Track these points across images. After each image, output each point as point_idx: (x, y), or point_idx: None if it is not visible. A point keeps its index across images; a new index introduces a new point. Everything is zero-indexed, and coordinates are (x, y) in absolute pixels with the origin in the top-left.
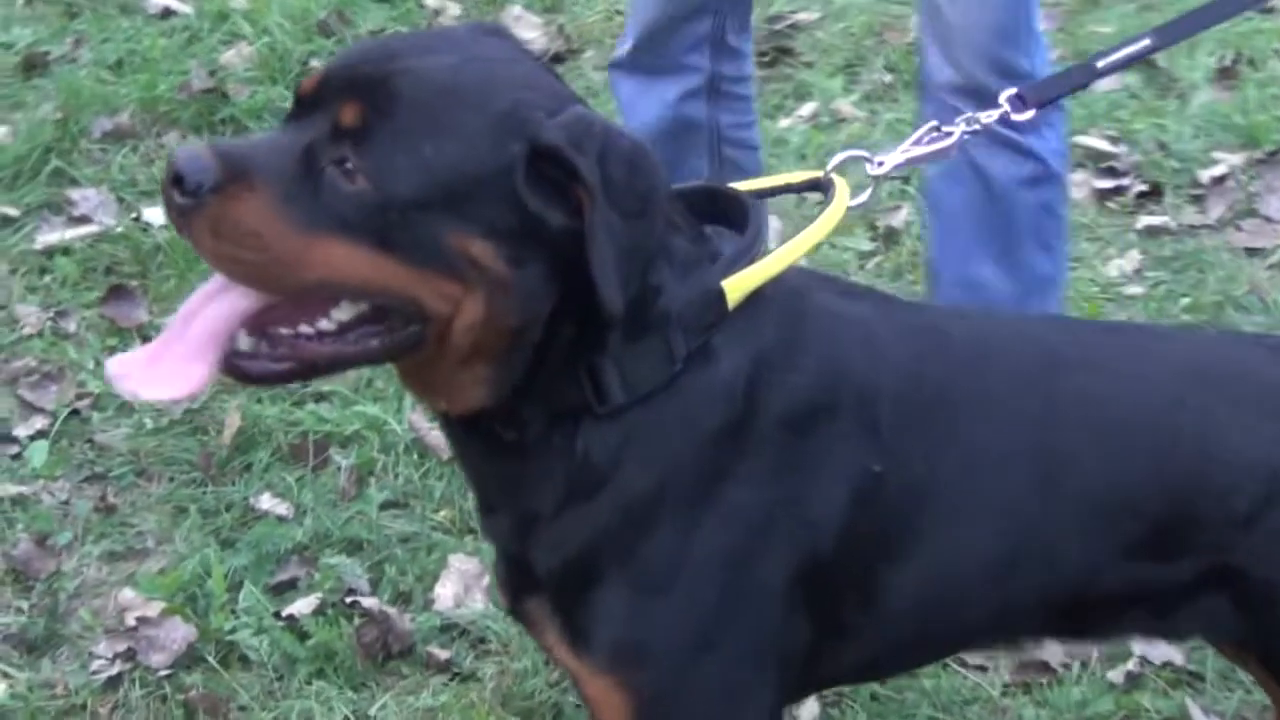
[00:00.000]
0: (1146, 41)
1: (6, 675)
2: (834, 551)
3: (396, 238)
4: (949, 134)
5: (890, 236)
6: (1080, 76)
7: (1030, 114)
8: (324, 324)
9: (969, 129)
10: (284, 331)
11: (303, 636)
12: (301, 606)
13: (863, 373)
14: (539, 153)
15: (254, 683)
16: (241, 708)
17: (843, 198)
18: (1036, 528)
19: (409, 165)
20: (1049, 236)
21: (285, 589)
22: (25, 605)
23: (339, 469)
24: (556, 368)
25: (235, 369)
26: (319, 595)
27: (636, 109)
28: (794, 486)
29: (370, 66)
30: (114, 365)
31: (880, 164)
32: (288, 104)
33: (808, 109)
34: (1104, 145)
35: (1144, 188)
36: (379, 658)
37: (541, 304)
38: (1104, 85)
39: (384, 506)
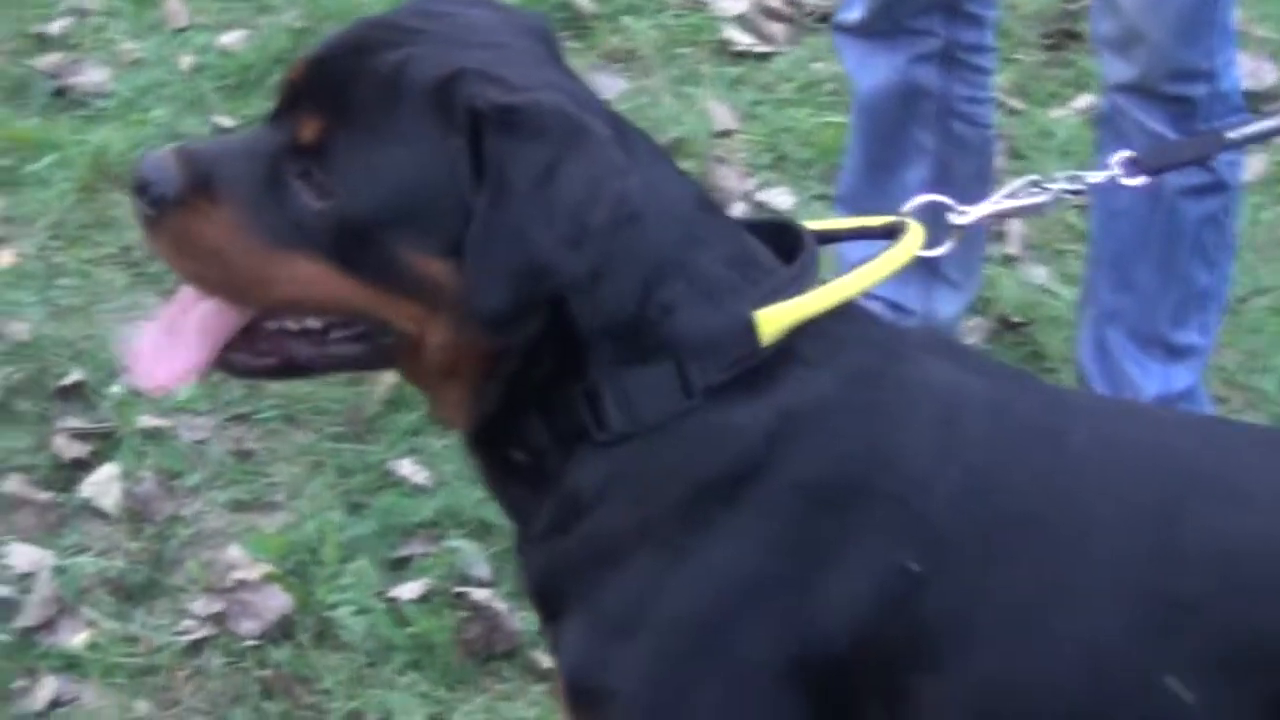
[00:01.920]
0: None
1: (93, 624)
2: (850, 649)
3: (358, 257)
4: (1046, 189)
5: None
6: (1206, 146)
7: (1140, 180)
8: (310, 321)
9: (1070, 188)
10: (269, 327)
11: (403, 623)
12: (409, 590)
13: (923, 459)
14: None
15: (343, 666)
16: (325, 691)
17: (913, 242)
18: (1122, 668)
19: (363, 180)
20: (1212, 249)
21: (399, 566)
22: (135, 548)
23: None
24: (555, 388)
25: (221, 360)
26: (430, 580)
27: (864, 74)
28: (801, 565)
29: (338, 66)
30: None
31: (965, 213)
32: None
33: (1083, 101)
34: None
35: None
36: (480, 656)
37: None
38: None
39: None
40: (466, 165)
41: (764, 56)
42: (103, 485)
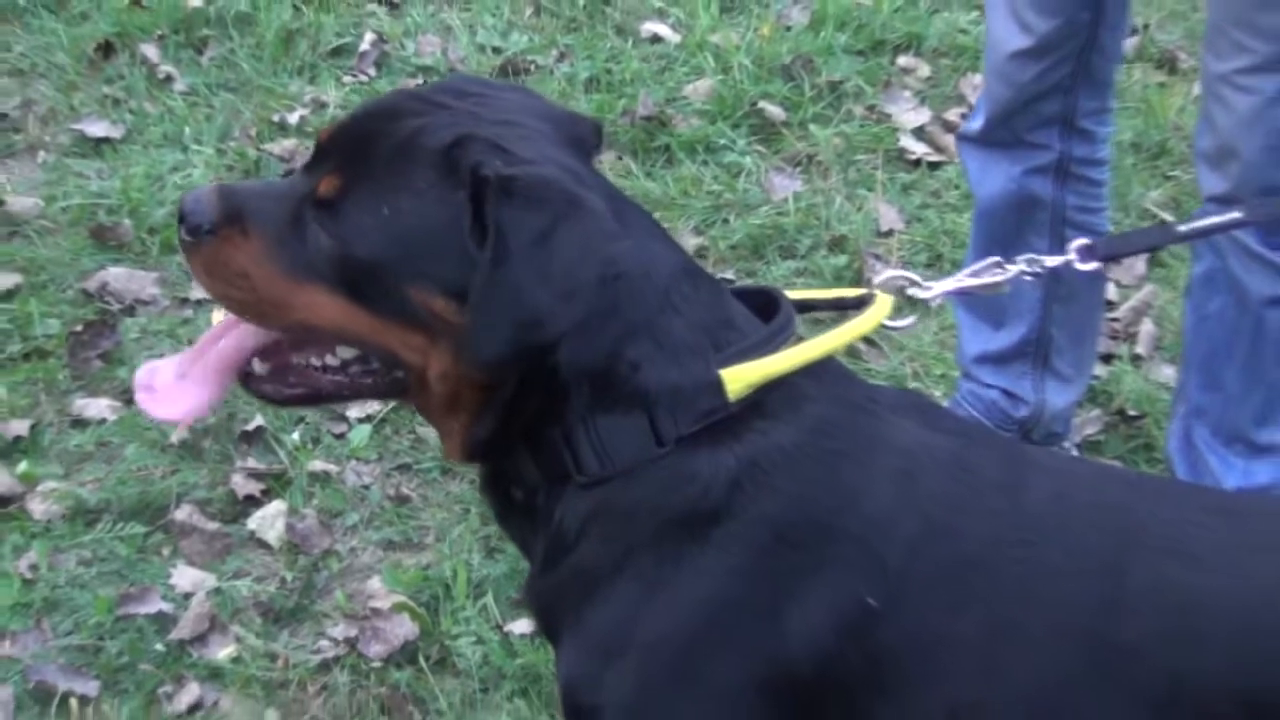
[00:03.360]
0: (1236, 215)
1: (240, 640)
2: (812, 673)
3: (366, 291)
4: (1006, 270)
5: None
6: (1157, 238)
7: (1093, 266)
8: (329, 359)
9: (1028, 270)
10: (295, 361)
11: (514, 654)
12: (522, 625)
13: (881, 508)
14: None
15: (456, 690)
16: (439, 712)
17: (879, 312)
18: (1064, 706)
19: (370, 226)
20: None
21: (519, 605)
22: (289, 576)
23: None
24: (542, 429)
25: (254, 390)
26: None
27: (984, 181)
28: (764, 597)
29: (363, 128)
30: (141, 373)
31: (929, 288)
32: (724, 141)
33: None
34: None
35: None
36: None
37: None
38: None
39: None
40: (469, 219)
41: (935, 165)
42: (269, 519)
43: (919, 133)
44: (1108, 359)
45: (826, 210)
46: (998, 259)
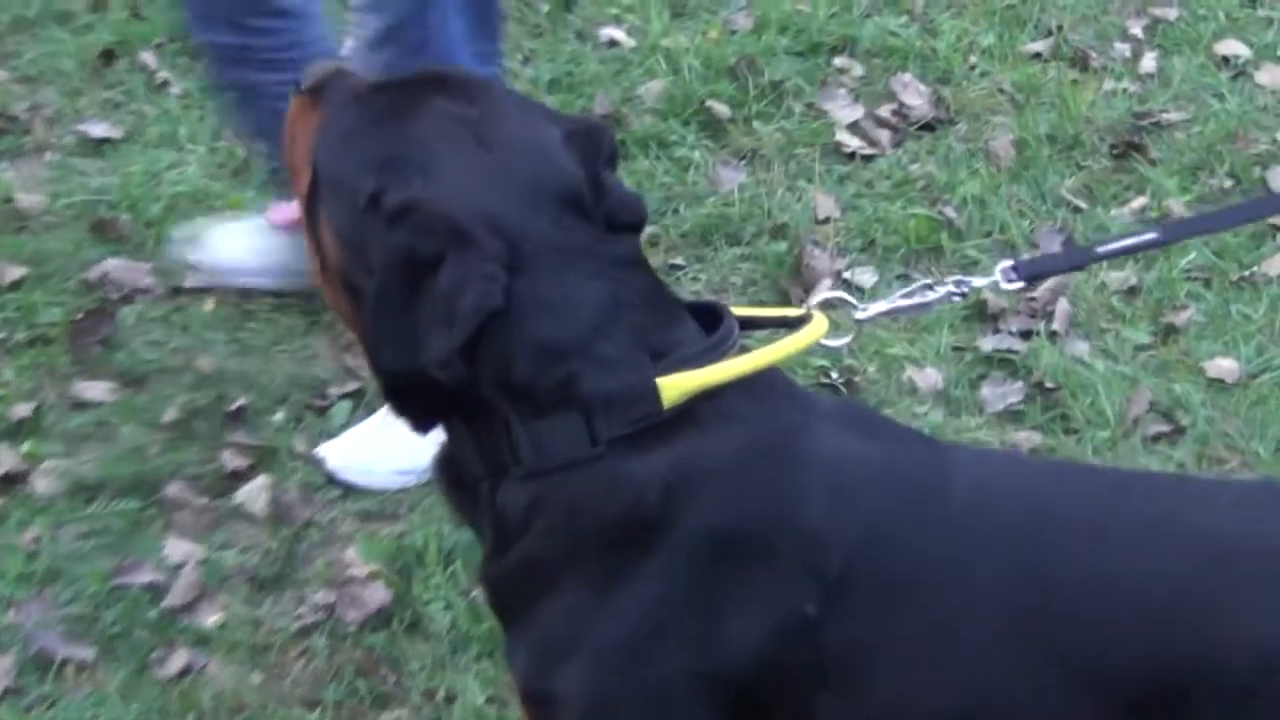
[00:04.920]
0: (1152, 235)
1: (226, 608)
2: (756, 674)
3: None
4: (935, 292)
5: (1169, 332)
6: (1076, 258)
7: (1018, 285)
8: None
9: (956, 290)
10: None
11: (480, 619)
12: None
13: (815, 521)
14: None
15: (427, 652)
16: (410, 673)
17: (816, 330)
18: (1003, 689)
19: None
20: None
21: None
22: (273, 546)
23: None
24: (480, 421)
25: None
26: None
27: None
28: (705, 603)
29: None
30: None
31: (865, 309)
32: (675, 137)
33: (1139, 203)
34: None
35: None
36: None
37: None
38: None
39: None
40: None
41: (869, 158)
42: (254, 493)
43: (853, 128)
44: (1026, 335)
45: (769, 200)
46: (929, 281)
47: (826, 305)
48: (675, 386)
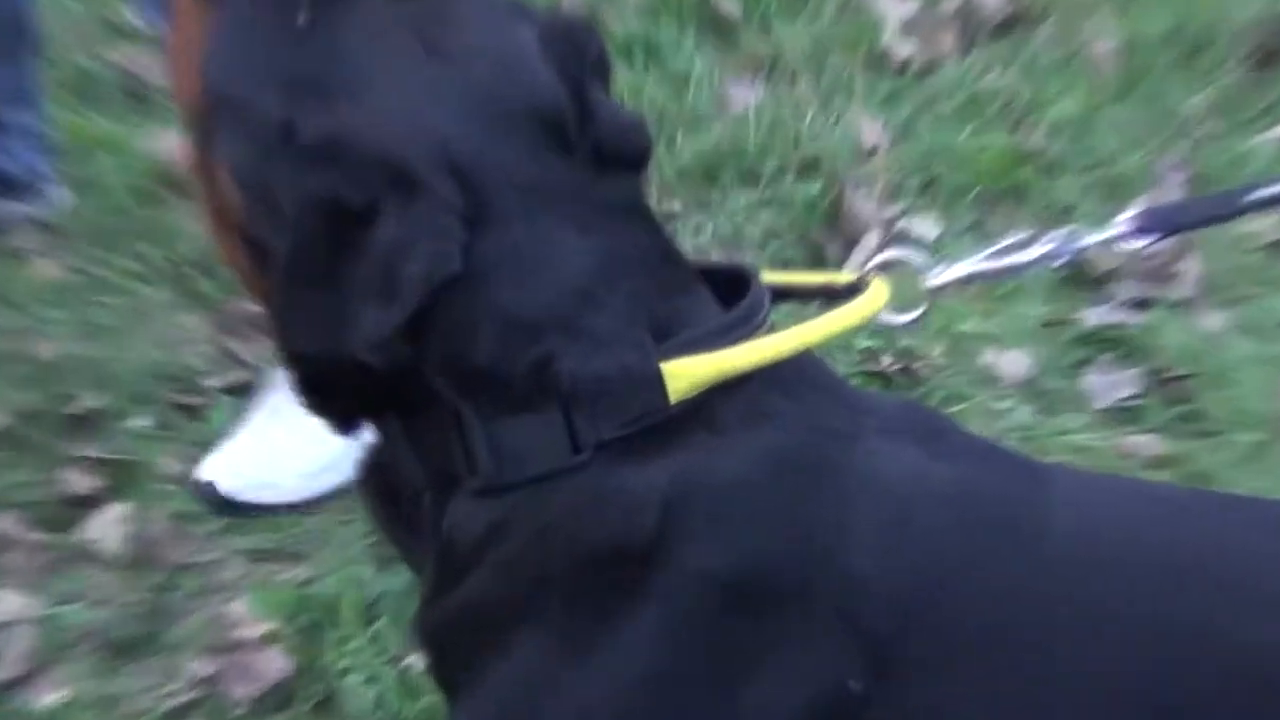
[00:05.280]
0: None
1: (71, 682)
2: None
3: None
4: (1033, 250)
5: None
6: (1219, 208)
7: (1147, 242)
8: None
9: (1064, 247)
10: None
11: (415, 694)
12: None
13: (863, 563)
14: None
15: None
16: None
17: (874, 301)
18: None
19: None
20: None
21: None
22: (132, 599)
23: None
24: (423, 417)
25: None
26: None
27: None
28: (718, 672)
29: None
30: None
31: (938, 274)
32: (668, 43)
33: None
34: None
35: None
36: None
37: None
38: None
39: None
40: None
41: (926, 69)
42: (107, 526)
43: (906, 29)
44: (1143, 305)
45: (794, 125)
46: (1029, 234)
47: (882, 268)
48: (685, 375)
